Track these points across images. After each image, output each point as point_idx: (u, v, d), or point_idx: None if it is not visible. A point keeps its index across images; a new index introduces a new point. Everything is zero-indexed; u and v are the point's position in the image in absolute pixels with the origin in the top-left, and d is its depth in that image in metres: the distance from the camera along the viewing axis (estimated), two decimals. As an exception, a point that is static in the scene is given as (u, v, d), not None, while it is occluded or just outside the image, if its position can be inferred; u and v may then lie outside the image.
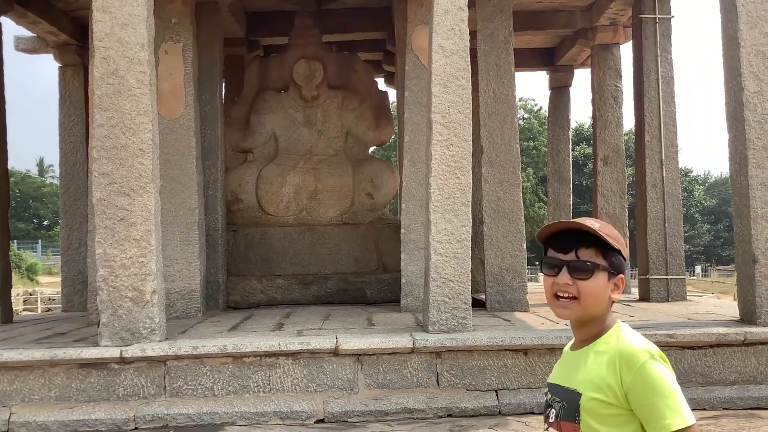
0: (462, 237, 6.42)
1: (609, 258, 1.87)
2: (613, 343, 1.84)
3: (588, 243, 1.86)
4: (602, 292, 1.87)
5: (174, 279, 8.32)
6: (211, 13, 9.38)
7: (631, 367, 1.77)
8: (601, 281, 1.86)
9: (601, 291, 1.86)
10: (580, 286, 1.86)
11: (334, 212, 10.44)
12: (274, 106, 10.71)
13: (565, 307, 1.89)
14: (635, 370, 1.76)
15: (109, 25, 6.13)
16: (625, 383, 1.77)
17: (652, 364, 1.76)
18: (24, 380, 5.92)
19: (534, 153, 39.49)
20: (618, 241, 1.88)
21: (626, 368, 1.77)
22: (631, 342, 1.82)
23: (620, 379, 1.78)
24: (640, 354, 1.78)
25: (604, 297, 1.87)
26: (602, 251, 1.87)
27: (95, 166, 6.13)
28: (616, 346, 1.83)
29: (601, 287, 1.86)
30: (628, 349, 1.80)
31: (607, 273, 1.86)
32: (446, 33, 6.54)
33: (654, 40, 9.50)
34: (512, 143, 8.58)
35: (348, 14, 11.55)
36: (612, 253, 1.87)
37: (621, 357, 1.79)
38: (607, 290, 1.87)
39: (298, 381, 6.05)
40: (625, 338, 1.84)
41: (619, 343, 1.83)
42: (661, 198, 9.42)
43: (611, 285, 1.88)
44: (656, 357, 1.77)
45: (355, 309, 8.96)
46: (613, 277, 1.87)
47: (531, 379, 6.14)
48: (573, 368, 1.91)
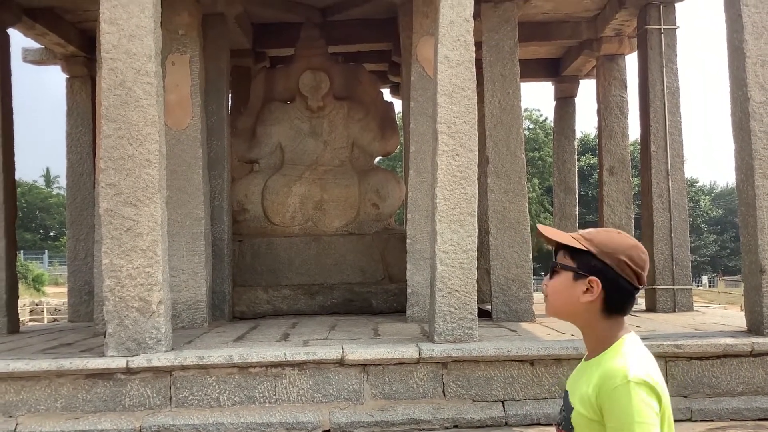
0: (468, 247, 6.42)
1: (576, 259, 1.86)
2: (607, 359, 1.81)
3: (563, 246, 1.89)
4: (565, 292, 1.86)
5: (180, 289, 8.33)
6: (217, 25, 9.43)
7: (606, 387, 1.74)
8: (564, 280, 1.87)
9: (564, 290, 1.87)
10: (548, 285, 1.92)
11: (339, 222, 10.46)
12: (280, 116, 10.75)
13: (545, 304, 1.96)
14: (609, 391, 1.72)
15: (117, 37, 6.17)
16: (598, 401, 1.75)
17: (625, 388, 1.70)
18: (30, 390, 5.93)
19: (539, 163, 39.46)
20: (596, 244, 1.84)
21: (603, 387, 1.74)
22: (615, 362, 1.77)
23: (596, 395, 1.76)
24: (617, 376, 1.72)
25: (569, 296, 1.86)
26: (570, 252, 1.87)
27: (102, 177, 6.15)
28: (605, 362, 1.80)
29: (564, 286, 1.87)
30: (607, 369, 1.76)
31: (573, 273, 1.86)
32: (452, 44, 6.56)
33: (659, 50, 9.51)
34: (518, 153, 8.59)
35: (353, 25, 11.61)
36: (580, 255, 1.85)
37: (602, 375, 1.77)
38: (572, 291, 1.85)
39: (303, 391, 6.04)
40: (613, 356, 1.79)
41: (606, 360, 1.80)
42: (667, 208, 9.41)
43: (582, 287, 1.84)
44: (633, 383, 1.70)
45: (361, 319, 8.95)
46: (580, 278, 1.84)
47: (537, 390, 6.12)
48: (579, 379, 1.90)
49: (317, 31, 10.96)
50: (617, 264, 1.83)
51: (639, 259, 1.84)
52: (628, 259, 1.83)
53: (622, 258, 1.83)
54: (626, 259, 1.83)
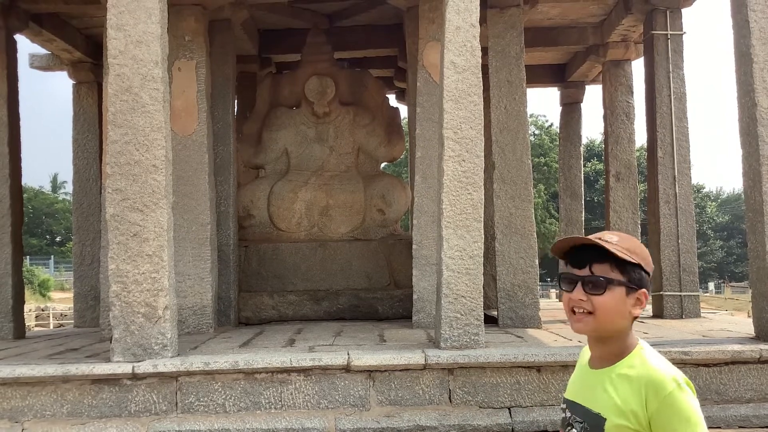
0: (474, 253, 6.40)
1: (627, 272, 1.83)
2: (638, 367, 1.80)
3: (603, 258, 1.83)
4: (619, 307, 1.83)
5: (186, 295, 8.33)
6: (224, 31, 9.46)
7: (657, 395, 1.73)
8: (617, 296, 1.83)
9: (618, 306, 1.83)
10: (594, 302, 1.83)
11: (345, 228, 10.45)
12: (286, 122, 10.76)
13: (580, 321, 1.87)
14: (661, 398, 1.73)
15: (124, 43, 6.19)
16: (650, 410, 1.74)
17: (679, 393, 1.73)
18: (36, 396, 5.93)
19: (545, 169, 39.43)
20: (638, 254, 1.85)
21: (653, 395, 1.74)
22: (657, 367, 1.78)
23: (645, 406, 1.74)
24: (668, 382, 1.74)
25: (621, 312, 1.84)
26: (618, 266, 1.83)
27: (109, 182, 6.16)
28: (641, 370, 1.79)
29: (617, 302, 1.83)
30: (655, 376, 1.76)
31: (625, 288, 1.83)
32: (458, 49, 6.56)
33: (666, 56, 9.49)
34: (524, 159, 8.58)
35: (359, 31, 11.63)
36: (630, 268, 1.83)
37: (648, 383, 1.76)
38: (625, 305, 1.84)
39: (309, 397, 6.02)
40: (650, 363, 1.80)
41: (645, 367, 1.79)
42: (674, 214, 9.37)
43: (631, 300, 1.84)
44: (683, 386, 1.74)
45: (367, 325, 8.94)
46: (632, 292, 1.83)
47: (544, 397, 6.09)
48: (594, 389, 1.87)
49: (323, 37, 10.98)
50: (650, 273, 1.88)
51: (651, 265, 1.89)
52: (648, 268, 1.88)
53: (653, 267, 1.90)
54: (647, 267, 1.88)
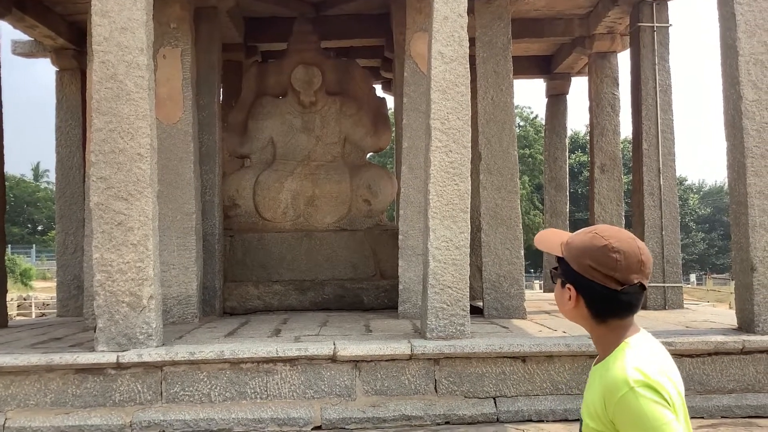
0: (461, 244, 6.41)
1: (560, 266, 1.84)
2: (608, 367, 1.73)
3: None
4: (558, 299, 1.85)
5: (170, 284, 8.28)
6: (209, 18, 9.37)
7: (611, 399, 1.66)
8: (557, 288, 1.86)
9: (557, 297, 1.86)
10: None
11: (331, 218, 10.43)
12: (272, 111, 10.70)
13: None
14: (615, 402, 1.65)
15: (108, 30, 6.12)
16: (609, 413, 1.68)
17: (629, 396, 1.63)
18: (20, 385, 5.88)
19: (530, 161, 39.54)
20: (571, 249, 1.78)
21: (609, 398, 1.67)
22: (616, 370, 1.69)
23: (605, 409, 1.69)
24: (620, 385, 1.65)
25: (562, 304, 1.85)
26: (558, 260, 1.85)
27: (93, 170, 6.10)
28: (607, 371, 1.72)
29: (557, 293, 1.86)
30: (610, 379, 1.69)
31: (560, 280, 1.84)
32: (446, 40, 6.54)
33: (652, 48, 9.53)
34: (510, 150, 8.59)
35: (346, 21, 11.57)
36: (561, 262, 1.82)
37: (605, 386, 1.70)
38: (562, 298, 1.83)
39: (295, 387, 6.02)
40: (617, 363, 1.71)
41: (610, 369, 1.72)
42: (658, 206, 9.43)
43: (567, 294, 1.81)
44: (636, 388, 1.63)
45: (353, 315, 8.94)
46: (564, 285, 1.82)
47: (529, 387, 6.13)
48: (588, 387, 1.85)
49: (310, 26, 10.92)
50: (584, 270, 1.75)
51: (606, 261, 1.73)
52: (593, 263, 1.73)
53: (587, 263, 1.74)
54: (591, 263, 1.74)
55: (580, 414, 1.88)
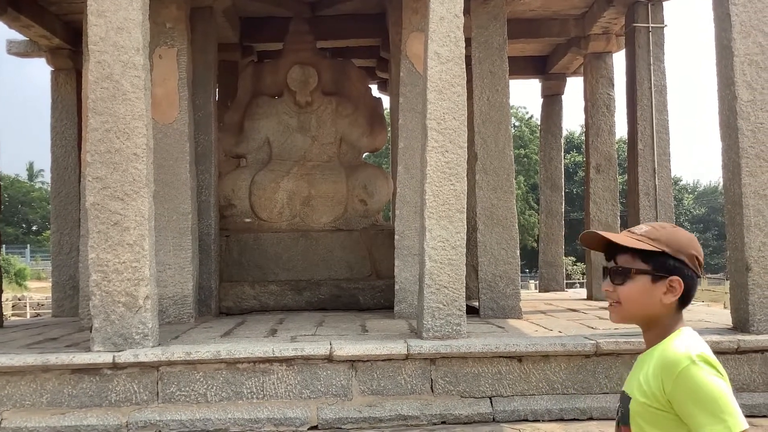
0: (457, 243, 6.42)
1: (650, 261, 1.85)
2: (663, 349, 1.81)
3: (625, 248, 1.88)
4: (644, 297, 1.85)
5: (166, 284, 8.28)
6: (205, 18, 9.37)
7: (670, 374, 1.73)
8: (641, 285, 1.85)
9: (642, 295, 1.85)
10: (619, 292, 1.88)
11: (327, 218, 10.43)
12: (268, 111, 10.70)
13: (611, 311, 1.94)
14: (674, 377, 1.72)
15: (104, 29, 6.12)
16: (667, 391, 1.74)
17: (691, 369, 1.71)
18: (15, 385, 5.87)
19: (525, 161, 39.62)
20: (664, 242, 1.86)
21: (666, 375, 1.74)
22: (675, 347, 1.78)
23: (662, 387, 1.75)
24: (680, 359, 1.73)
25: (648, 301, 1.85)
26: (641, 255, 1.86)
27: (89, 170, 6.09)
28: (663, 352, 1.80)
29: (641, 291, 1.85)
30: (669, 355, 1.76)
31: (650, 276, 1.84)
32: (442, 40, 6.55)
33: (647, 49, 9.57)
34: (506, 150, 8.60)
35: (342, 20, 11.57)
36: (655, 256, 1.85)
37: (663, 363, 1.76)
38: (653, 294, 1.85)
39: (291, 387, 6.02)
40: (672, 344, 1.80)
41: (665, 348, 1.80)
42: (653, 206, 9.46)
43: (661, 288, 1.84)
44: (697, 362, 1.72)
45: (349, 315, 8.94)
46: (660, 280, 1.84)
47: (525, 386, 6.14)
48: (635, 373, 1.90)
49: (306, 26, 10.92)
50: (690, 259, 1.86)
51: (700, 249, 1.89)
52: (697, 253, 1.87)
53: (692, 253, 1.87)
54: (696, 253, 1.87)
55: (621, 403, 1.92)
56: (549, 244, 13.75)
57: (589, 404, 6.00)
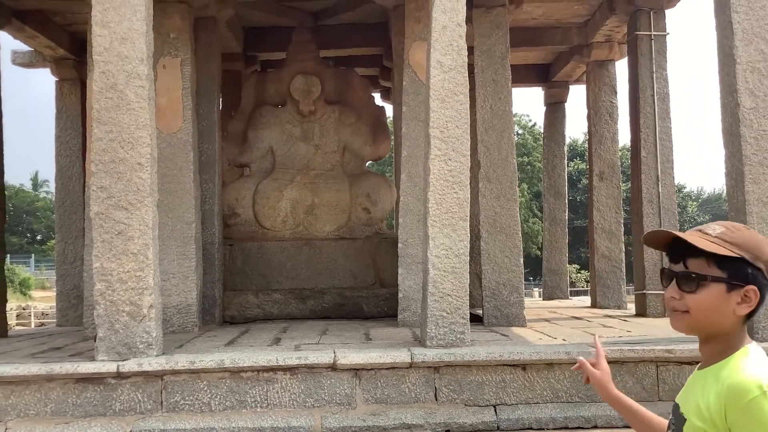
0: (460, 252, 6.42)
1: (726, 268, 1.66)
2: (729, 372, 1.63)
3: (699, 251, 1.67)
4: (717, 307, 1.67)
5: (170, 293, 8.29)
6: (209, 29, 9.41)
7: (736, 403, 1.56)
8: (715, 294, 1.66)
9: (715, 305, 1.66)
10: (688, 300, 1.69)
11: (331, 227, 10.44)
12: (271, 120, 10.73)
13: (675, 319, 1.75)
14: (740, 407, 1.55)
15: (109, 40, 6.15)
16: (729, 420, 1.57)
17: (761, 402, 1.53)
18: (20, 395, 5.88)
19: (528, 168, 39.60)
20: (742, 246, 1.66)
21: (731, 403, 1.57)
22: (743, 372, 1.60)
23: (724, 414, 1.59)
24: (750, 388, 1.55)
25: (721, 312, 1.67)
26: (717, 260, 1.66)
27: (93, 180, 6.12)
28: (729, 376, 1.61)
29: (715, 301, 1.66)
30: (736, 381, 1.58)
31: (725, 284, 1.65)
32: (444, 49, 6.57)
33: (650, 56, 9.58)
34: (509, 158, 8.61)
35: (345, 30, 11.63)
36: (731, 262, 1.65)
37: (729, 390, 1.59)
38: (726, 304, 1.66)
39: (295, 396, 6.02)
40: (740, 367, 1.62)
41: (731, 372, 1.62)
42: (657, 213, 9.45)
43: (736, 298, 1.65)
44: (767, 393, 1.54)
45: (352, 324, 8.94)
46: (735, 289, 1.65)
47: (529, 395, 6.13)
48: (692, 389, 1.74)
49: (309, 35, 10.96)
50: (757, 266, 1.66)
51: None
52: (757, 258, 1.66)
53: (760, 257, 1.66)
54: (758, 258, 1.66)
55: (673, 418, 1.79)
56: (553, 251, 13.74)
57: (594, 412, 5.98)
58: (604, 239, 11.20)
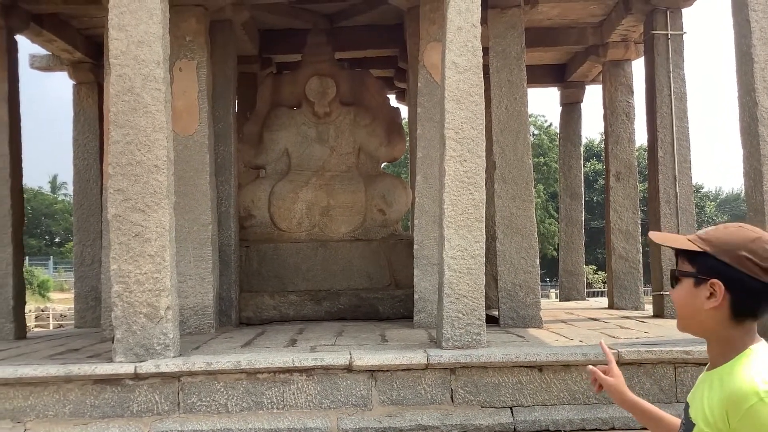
0: (476, 253, 6.41)
1: (695, 263, 1.69)
2: (732, 376, 1.62)
3: (680, 251, 1.74)
4: (689, 302, 1.70)
5: (187, 295, 8.33)
6: (224, 31, 9.45)
7: (736, 410, 1.56)
8: (686, 289, 1.71)
9: (687, 300, 1.70)
10: (672, 296, 1.77)
11: (346, 228, 10.45)
12: (286, 122, 10.76)
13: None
14: (740, 414, 1.55)
15: (125, 43, 6.19)
16: (732, 426, 1.57)
17: (759, 408, 1.53)
18: (39, 396, 5.93)
19: (544, 169, 39.45)
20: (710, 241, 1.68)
21: (732, 409, 1.57)
22: (741, 376, 1.59)
23: (727, 419, 1.58)
24: (747, 394, 1.55)
25: (694, 307, 1.69)
26: (687, 257, 1.71)
27: (111, 183, 6.16)
28: (731, 380, 1.61)
29: (686, 296, 1.71)
30: (734, 387, 1.58)
31: (693, 279, 1.69)
32: (459, 50, 6.56)
33: (666, 56, 9.51)
34: (525, 159, 8.58)
35: (360, 32, 11.64)
36: (698, 258, 1.68)
37: (728, 395, 1.59)
38: (695, 298, 1.68)
39: (311, 397, 6.03)
40: (740, 373, 1.61)
41: (732, 378, 1.61)
42: (674, 214, 9.38)
43: (703, 292, 1.67)
44: (766, 399, 1.53)
45: (368, 325, 8.94)
46: (702, 284, 1.67)
47: (546, 396, 6.10)
48: (699, 390, 1.73)
49: (324, 37, 10.98)
50: (737, 261, 1.65)
51: (764, 252, 1.64)
52: (749, 254, 1.64)
53: (742, 254, 1.64)
54: (747, 254, 1.64)
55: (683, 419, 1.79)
56: (569, 252, 13.68)
57: (611, 414, 5.95)
58: (621, 240, 11.13)
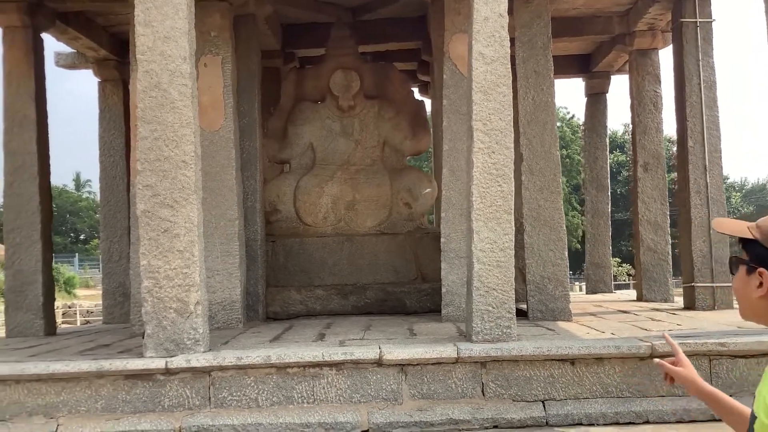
0: (505, 245, 6.35)
1: (749, 251, 1.68)
2: None
3: (740, 238, 1.73)
4: (742, 289, 1.70)
5: (215, 290, 8.35)
6: (248, 26, 9.45)
7: None
8: (740, 276, 1.70)
9: (741, 288, 1.70)
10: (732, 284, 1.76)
11: (372, 222, 10.42)
12: (310, 116, 10.75)
13: None
14: None
15: (152, 39, 6.19)
16: None
17: None
18: (71, 392, 5.96)
19: (567, 161, 39.20)
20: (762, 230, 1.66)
21: None
22: None
23: None
24: None
25: (747, 294, 1.69)
26: (743, 244, 1.71)
27: (139, 179, 6.17)
28: None
29: (740, 283, 1.70)
30: None
31: (746, 267, 1.68)
32: (486, 40, 6.49)
33: (695, 44, 9.36)
34: (552, 150, 8.49)
35: (383, 24, 11.59)
36: (751, 245, 1.68)
37: None
38: (748, 286, 1.68)
39: (341, 392, 6.00)
40: None
41: None
42: (705, 204, 9.25)
43: (754, 281, 1.66)
44: None
45: (395, 319, 8.91)
46: (753, 272, 1.66)
47: (578, 390, 6.03)
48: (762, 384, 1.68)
49: (347, 31, 10.94)
50: None
51: None
52: None
53: None
54: None
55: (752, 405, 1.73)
56: (596, 245, 13.55)
57: (645, 407, 5.86)
58: (650, 231, 10.99)
